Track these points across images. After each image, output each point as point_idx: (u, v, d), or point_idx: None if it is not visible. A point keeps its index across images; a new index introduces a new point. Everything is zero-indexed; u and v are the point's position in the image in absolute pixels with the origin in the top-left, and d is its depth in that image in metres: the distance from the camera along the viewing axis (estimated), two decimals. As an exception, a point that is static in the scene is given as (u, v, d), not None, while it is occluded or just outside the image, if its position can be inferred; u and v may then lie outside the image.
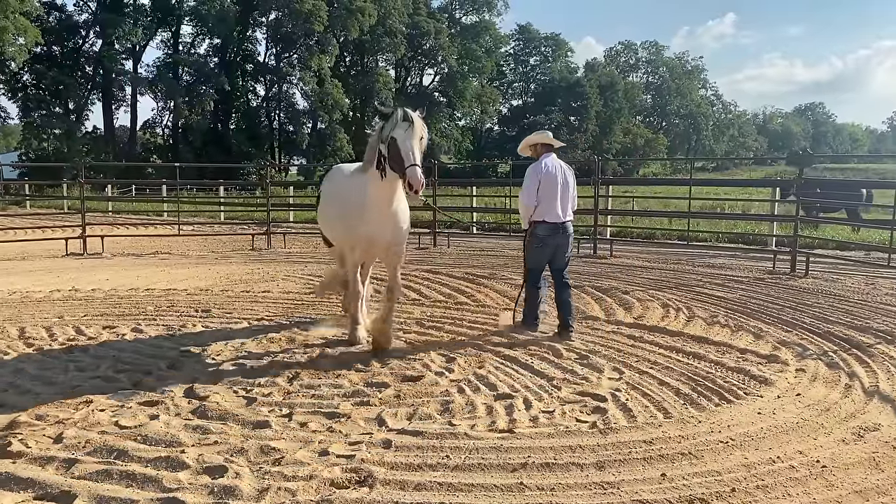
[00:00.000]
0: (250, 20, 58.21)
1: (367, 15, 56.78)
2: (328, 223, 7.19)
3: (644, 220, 19.33)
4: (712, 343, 6.86)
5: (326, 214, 7.14)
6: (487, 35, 72.75)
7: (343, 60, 63.98)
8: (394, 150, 5.72)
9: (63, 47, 54.06)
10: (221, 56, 58.29)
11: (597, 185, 14.86)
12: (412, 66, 70.76)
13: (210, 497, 3.63)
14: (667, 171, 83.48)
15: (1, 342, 6.80)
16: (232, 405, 5.02)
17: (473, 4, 73.34)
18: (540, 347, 6.65)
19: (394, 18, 61.09)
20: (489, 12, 73.96)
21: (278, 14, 56.57)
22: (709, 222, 18.58)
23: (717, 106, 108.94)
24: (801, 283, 10.57)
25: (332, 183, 7.15)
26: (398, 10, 61.52)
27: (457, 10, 74.12)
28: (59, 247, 14.57)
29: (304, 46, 57.45)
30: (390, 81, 65.34)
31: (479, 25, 72.77)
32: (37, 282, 10.55)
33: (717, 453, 4.22)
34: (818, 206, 17.36)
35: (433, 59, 69.80)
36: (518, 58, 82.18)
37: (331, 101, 56.55)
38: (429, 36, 65.42)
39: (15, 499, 3.61)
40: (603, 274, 11.29)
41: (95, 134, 55.88)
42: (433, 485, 3.78)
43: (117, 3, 53.09)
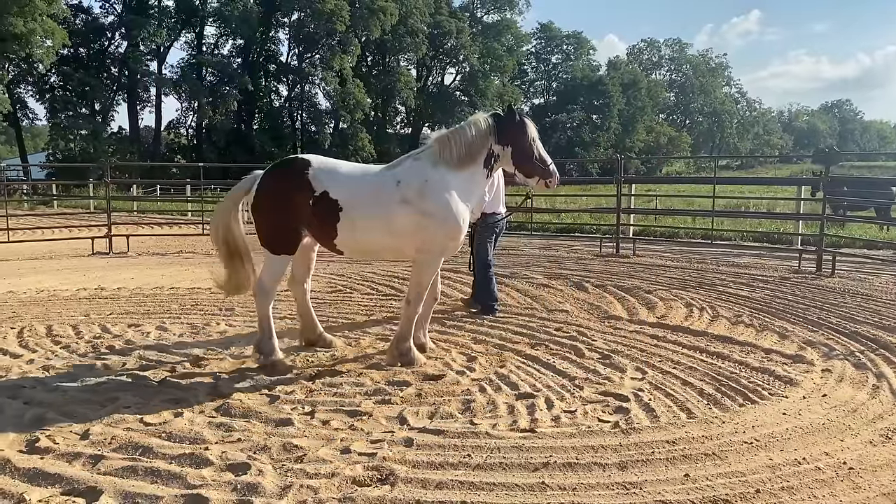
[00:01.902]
0: (273, 21, 58.60)
1: (388, 14, 56.91)
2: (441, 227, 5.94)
3: (667, 219, 19.19)
4: (736, 343, 6.79)
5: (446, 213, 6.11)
6: (509, 34, 72.60)
7: (365, 60, 64.18)
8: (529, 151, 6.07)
9: (89, 49, 54.82)
10: (245, 56, 58.77)
11: (619, 184, 14.79)
12: (434, 65, 70.79)
13: (233, 494, 3.66)
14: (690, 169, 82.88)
15: (29, 340, 6.91)
16: (255, 403, 5.06)
17: (495, 3, 73.23)
18: (562, 347, 6.63)
19: (415, 18, 61.18)
20: (511, 11, 73.84)
21: (301, 14, 56.90)
22: (733, 221, 18.40)
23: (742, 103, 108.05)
24: (827, 282, 10.43)
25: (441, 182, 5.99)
26: (420, 9, 61.59)
27: (478, 8, 74.06)
28: (85, 246, 14.76)
29: (326, 46, 57.74)
30: (412, 81, 65.46)
31: (500, 24, 72.64)
32: (64, 280, 10.70)
33: (742, 454, 4.18)
34: (845, 205, 17.12)
35: (455, 59, 69.80)
36: (540, 56, 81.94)
37: (353, 101, 56.78)
38: (450, 35, 65.42)
39: (43, 494, 3.67)
40: (626, 273, 11.22)
41: (121, 134, 56.60)
42: (454, 483, 3.78)
43: (142, 4, 53.74)
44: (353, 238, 5.84)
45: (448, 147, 5.90)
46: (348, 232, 5.80)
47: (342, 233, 5.79)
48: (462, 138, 5.93)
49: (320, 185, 5.76)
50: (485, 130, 5.97)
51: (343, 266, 11.85)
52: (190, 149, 58.94)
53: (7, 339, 6.95)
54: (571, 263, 12.49)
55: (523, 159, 6.08)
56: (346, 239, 5.85)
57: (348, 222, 5.74)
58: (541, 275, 10.93)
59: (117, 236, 15.02)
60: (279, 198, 5.84)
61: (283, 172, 5.98)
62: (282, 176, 5.93)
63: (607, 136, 74.28)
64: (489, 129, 5.98)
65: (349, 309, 8.56)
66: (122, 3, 54.27)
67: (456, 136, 5.95)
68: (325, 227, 5.82)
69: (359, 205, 5.74)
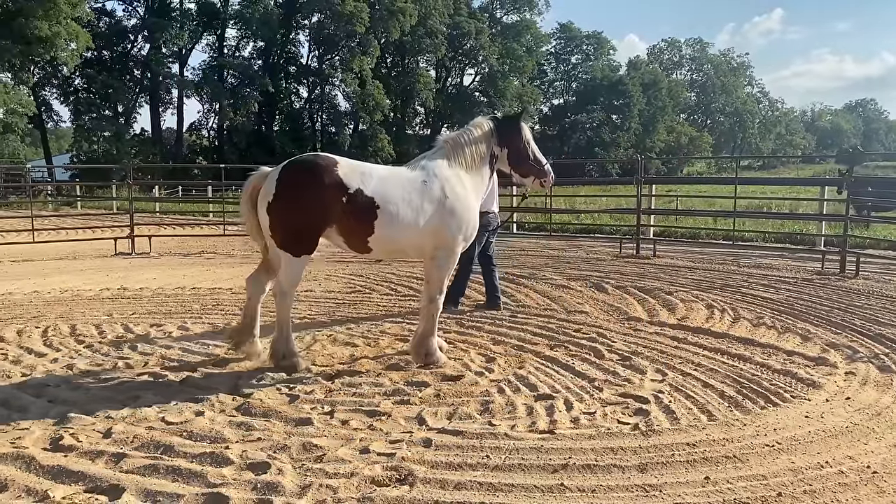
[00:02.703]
0: (293, 23, 58.93)
1: (407, 16, 57.02)
2: (464, 224, 6.14)
3: (688, 220, 19.04)
4: (758, 345, 6.73)
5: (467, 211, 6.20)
6: (528, 34, 72.41)
7: (384, 61, 64.35)
8: (524, 152, 6.42)
9: (112, 52, 55.50)
10: (265, 58, 59.16)
11: (639, 185, 14.71)
12: (453, 66, 70.78)
13: (253, 493, 3.68)
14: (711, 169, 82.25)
15: (53, 339, 7.00)
16: (275, 402, 5.10)
17: (514, 4, 73.07)
18: (581, 348, 6.61)
19: (434, 19, 61.23)
20: (530, 11, 73.65)
21: (321, 16, 57.17)
22: (755, 222, 18.21)
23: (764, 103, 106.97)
24: (850, 283, 10.30)
25: (458, 181, 6.14)
26: (439, 10, 61.63)
27: (497, 9, 73.95)
28: (108, 246, 14.94)
29: (345, 48, 57.91)
30: (431, 82, 65.50)
31: (519, 24, 72.49)
32: (87, 280, 10.84)
33: (763, 457, 4.14)
34: (869, 205, 16.90)
35: (474, 59, 69.74)
36: (559, 56, 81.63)
37: (372, 103, 56.95)
38: (469, 36, 65.38)
39: (66, 491, 3.72)
40: (646, 274, 11.15)
41: (143, 136, 57.21)
42: (473, 484, 3.78)
43: (164, 7, 54.29)
44: (388, 236, 5.83)
45: (460, 148, 6.17)
46: (385, 230, 5.78)
47: (379, 230, 5.75)
48: (471, 140, 6.22)
49: (354, 183, 5.68)
50: (487, 132, 6.30)
51: (361, 267, 11.89)
52: (211, 150, 59.42)
53: (32, 338, 7.05)
54: (591, 264, 12.44)
55: (519, 160, 6.44)
56: (381, 237, 5.81)
57: (385, 220, 5.74)
58: (560, 276, 10.89)
59: (140, 237, 15.18)
60: (308, 196, 5.64)
61: (311, 169, 5.71)
62: (311, 173, 5.68)
63: (627, 137, 73.84)
64: (491, 132, 6.31)
65: (368, 309, 8.59)
66: (144, 6, 54.89)
67: (465, 138, 6.22)
68: (360, 225, 5.74)
69: (393, 203, 5.77)
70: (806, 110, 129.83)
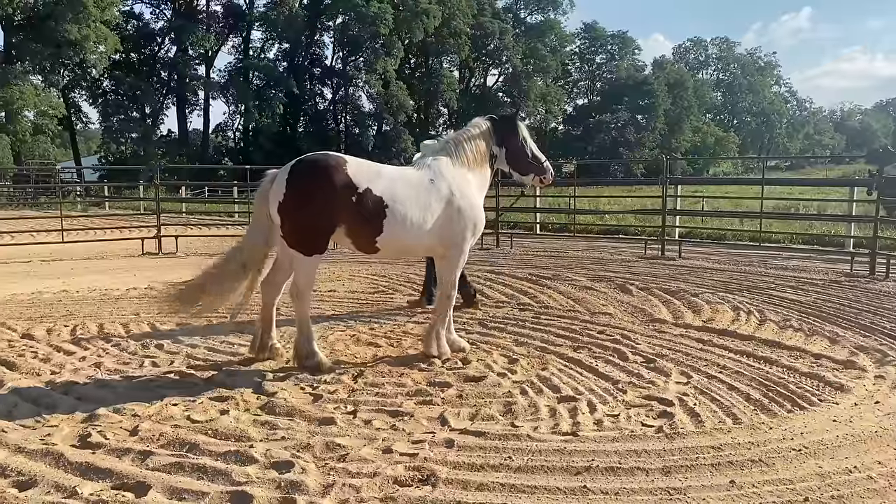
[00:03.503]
0: (318, 24, 59.29)
1: (431, 17, 57.10)
2: (472, 222, 6.24)
3: (714, 221, 18.85)
4: (785, 347, 6.64)
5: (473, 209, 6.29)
6: (553, 34, 72.13)
7: (408, 62, 64.51)
8: (522, 150, 6.51)
9: (140, 54, 56.27)
10: (290, 60, 59.59)
11: (665, 185, 14.60)
12: (476, 66, 70.74)
13: (277, 491, 3.71)
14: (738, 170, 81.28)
15: (82, 337, 7.11)
16: (299, 401, 5.13)
17: (538, 4, 72.87)
18: (605, 350, 6.57)
19: (458, 20, 61.24)
20: (554, 11, 73.41)
21: (345, 18, 57.44)
22: (782, 223, 17.97)
23: (792, 103, 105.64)
24: (880, 286, 10.13)
25: (464, 180, 6.23)
26: (462, 11, 61.64)
27: (521, 9, 73.81)
28: (135, 246, 15.13)
29: (369, 49, 58.14)
30: (454, 82, 65.53)
31: (544, 24, 72.25)
32: (115, 280, 10.99)
33: (790, 461, 4.09)
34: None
35: (497, 60, 69.65)
36: (584, 56, 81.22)
37: (396, 104, 57.10)
38: (493, 36, 65.30)
39: (94, 487, 3.77)
40: (671, 276, 11.06)
41: (170, 137, 57.91)
42: (496, 485, 3.77)
43: (191, 10, 54.93)
44: (397, 235, 5.84)
45: (462, 148, 6.27)
46: (394, 229, 5.79)
47: (388, 230, 5.77)
48: (472, 140, 6.33)
49: (363, 182, 5.70)
50: (486, 132, 6.42)
51: (384, 267, 11.92)
52: (237, 151, 59.93)
53: (61, 336, 7.17)
54: (615, 265, 12.37)
55: (517, 159, 6.55)
56: (390, 236, 5.82)
57: (394, 219, 5.76)
58: (584, 277, 10.84)
59: (166, 237, 15.35)
60: (319, 195, 5.64)
61: (320, 169, 5.71)
62: (320, 173, 5.68)
63: (652, 137, 73.24)
64: (489, 131, 6.42)
65: (391, 309, 8.61)
66: (171, 9, 55.56)
67: (465, 137, 6.33)
68: (369, 224, 5.76)
69: (402, 202, 5.80)
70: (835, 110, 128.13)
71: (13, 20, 43.61)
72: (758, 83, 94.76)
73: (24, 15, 43.33)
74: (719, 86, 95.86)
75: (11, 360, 6.23)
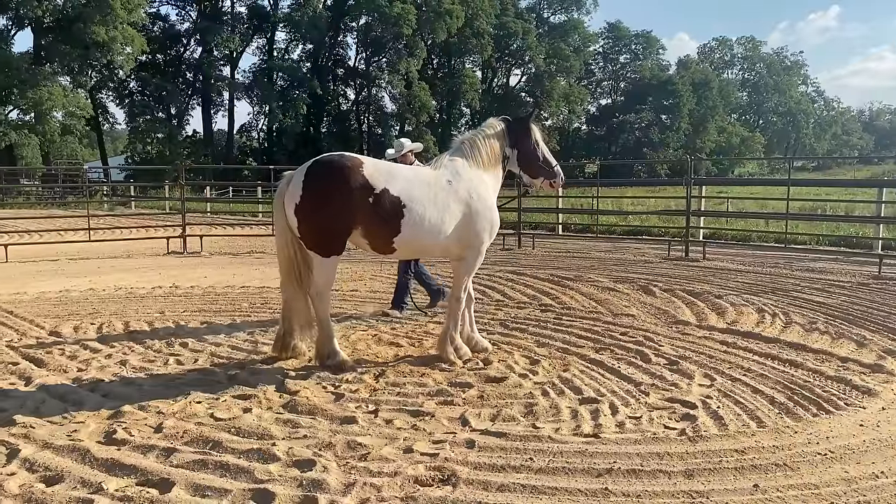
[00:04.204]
0: (341, 25, 59.59)
1: (454, 17, 57.14)
2: (489, 223, 6.25)
3: (739, 222, 18.67)
4: (811, 350, 6.56)
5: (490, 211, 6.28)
6: (576, 34, 71.87)
7: (430, 63, 64.61)
8: (534, 153, 6.47)
9: (166, 55, 56.97)
10: (314, 61, 59.98)
11: (689, 186, 14.46)
12: (499, 66, 70.69)
13: (299, 489, 3.73)
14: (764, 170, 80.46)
15: (108, 335, 7.21)
16: (320, 400, 5.16)
17: (562, 4, 72.66)
18: (628, 352, 6.53)
19: (481, 20, 61.25)
20: (578, 11, 73.12)
21: (368, 18, 57.70)
22: (808, 224, 17.74)
23: (819, 103, 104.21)
24: (910, 289, 9.97)
25: (480, 181, 6.24)
26: (485, 11, 61.62)
27: (545, 9, 73.59)
28: (160, 245, 15.30)
29: (392, 50, 58.37)
30: (477, 82, 65.48)
31: (567, 24, 72.01)
32: (140, 278, 11.13)
33: (815, 466, 4.04)
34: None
35: (520, 60, 69.57)
36: (607, 56, 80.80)
37: (418, 104, 57.23)
38: (516, 36, 65.23)
39: (119, 483, 3.82)
40: (695, 277, 10.97)
41: (195, 138, 58.54)
42: (516, 486, 3.77)
43: (216, 11, 55.47)
44: (415, 236, 5.83)
45: (477, 149, 6.26)
46: (412, 229, 5.78)
47: (405, 230, 5.76)
48: (487, 141, 6.31)
49: (380, 182, 5.69)
50: (500, 133, 6.39)
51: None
52: (261, 151, 60.45)
53: (88, 334, 7.27)
54: (638, 267, 12.29)
55: (529, 161, 6.51)
56: (408, 237, 5.81)
57: (412, 219, 5.75)
58: (606, 278, 10.78)
59: (191, 236, 15.51)
60: (335, 196, 5.61)
61: (336, 170, 5.67)
62: (336, 174, 5.65)
63: (677, 137, 72.69)
64: (503, 132, 6.40)
65: (411, 309, 8.61)
66: (196, 11, 56.16)
67: (481, 138, 6.31)
68: (386, 225, 5.74)
69: (420, 202, 5.80)
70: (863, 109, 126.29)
71: (43, 22, 44.29)
72: (784, 83, 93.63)
73: (53, 17, 44.01)
74: (745, 85, 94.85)
75: (39, 357, 6.34)
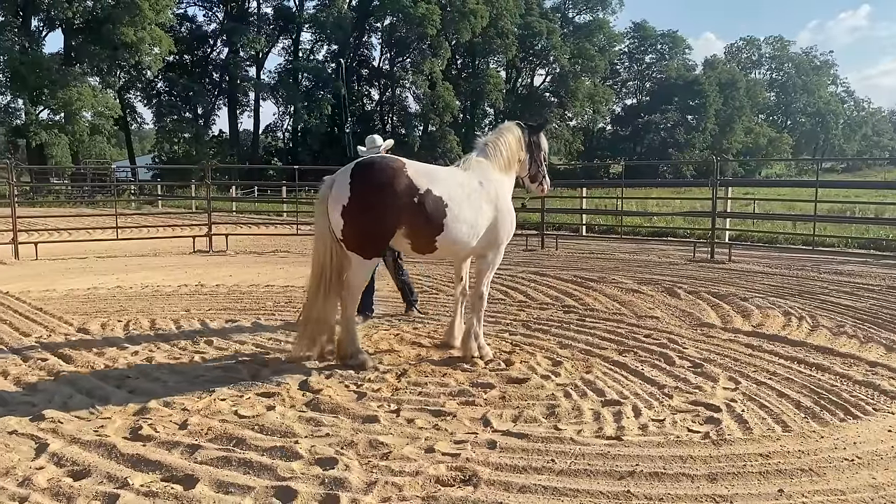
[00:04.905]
0: (366, 26, 59.82)
1: (479, 17, 57.10)
2: (511, 225, 6.48)
3: (765, 224, 18.45)
4: (838, 354, 6.46)
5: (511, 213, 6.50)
6: (601, 34, 71.48)
7: (454, 63, 64.60)
8: (541, 160, 6.80)
9: (193, 56, 57.60)
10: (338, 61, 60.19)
11: (715, 187, 14.33)
12: (523, 66, 70.52)
13: (321, 487, 3.75)
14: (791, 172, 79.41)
15: (134, 332, 7.30)
16: (343, 399, 5.18)
17: (587, 3, 72.30)
18: (651, 354, 6.48)
19: (506, 20, 61.14)
20: (603, 11, 72.71)
21: (393, 19, 57.85)
22: (837, 226, 17.49)
23: (849, 103, 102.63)
24: (941, 292, 9.78)
25: (501, 184, 6.45)
26: (510, 11, 61.49)
27: (570, 9, 73.28)
28: (187, 244, 15.47)
29: (416, 50, 58.48)
30: (501, 83, 65.36)
31: (592, 24, 71.65)
32: (167, 276, 11.26)
33: (842, 471, 3.98)
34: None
35: (545, 60, 69.35)
36: (633, 56, 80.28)
37: (441, 104, 57.29)
38: (541, 36, 65.03)
39: (144, 479, 3.87)
40: (720, 279, 10.86)
41: (221, 137, 59.11)
42: (538, 488, 3.76)
43: (242, 12, 55.97)
44: (455, 235, 5.92)
45: (500, 152, 6.44)
46: (453, 228, 5.87)
47: (447, 229, 5.83)
48: (509, 145, 6.50)
49: (423, 183, 5.76)
50: (519, 138, 6.60)
51: (428, 268, 11.96)
52: (286, 151, 60.86)
53: (115, 331, 7.37)
54: (663, 268, 12.20)
55: (535, 166, 6.80)
56: (450, 235, 5.88)
57: (454, 219, 5.85)
58: (630, 279, 10.71)
59: (217, 235, 15.67)
60: (383, 197, 5.64)
61: (382, 172, 5.70)
62: (383, 176, 5.67)
63: (703, 138, 72.02)
64: (521, 137, 6.64)
65: (434, 310, 8.63)
66: (223, 12, 56.70)
67: (503, 142, 6.49)
68: (429, 225, 5.79)
69: (459, 203, 5.90)
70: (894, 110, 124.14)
71: (73, 24, 45.01)
72: (813, 83, 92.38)
73: (83, 19, 44.69)
74: (773, 86, 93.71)
75: (68, 353, 6.44)
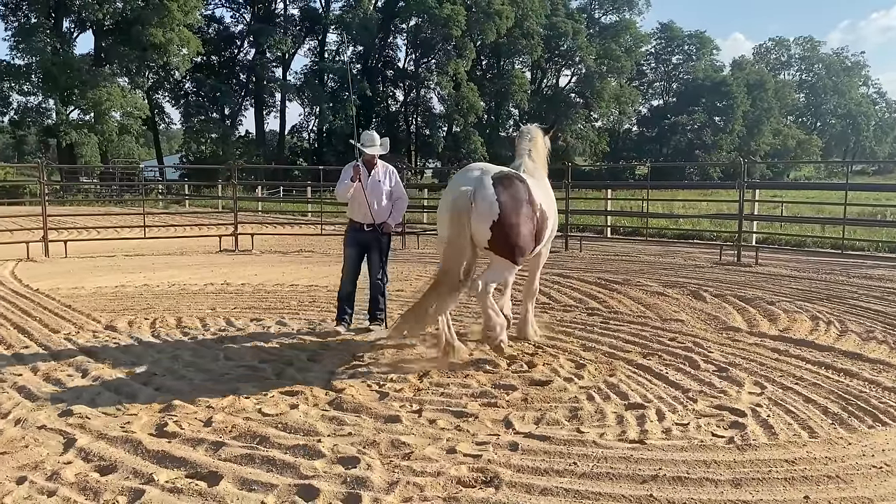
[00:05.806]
0: (391, 27, 59.94)
1: (504, 18, 56.94)
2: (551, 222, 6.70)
3: (794, 227, 18.19)
4: (867, 360, 6.36)
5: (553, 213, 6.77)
6: (627, 34, 70.84)
7: (479, 64, 64.43)
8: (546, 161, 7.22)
9: (220, 56, 58.06)
10: (364, 63, 60.42)
11: (742, 189, 14.16)
12: (548, 67, 70.14)
13: (343, 486, 3.77)
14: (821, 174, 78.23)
15: (161, 330, 7.40)
16: (366, 398, 5.21)
17: (613, 4, 71.75)
18: (676, 358, 6.43)
19: (531, 20, 60.85)
20: (630, 11, 72.17)
21: (418, 20, 57.90)
22: (867, 230, 17.19)
23: (881, 104, 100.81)
24: (974, 298, 9.58)
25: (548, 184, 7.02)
26: (535, 11, 61.22)
27: (596, 9, 72.82)
28: (213, 243, 15.63)
29: (441, 51, 58.47)
30: (525, 83, 65.12)
31: (618, 24, 71.06)
32: (193, 275, 11.38)
33: (869, 479, 3.92)
34: None
35: (570, 60, 68.90)
36: (659, 57, 79.49)
37: (466, 105, 57.17)
38: (566, 37, 64.62)
39: (169, 475, 3.92)
40: (747, 283, 10.74)
41: (248, 138, 59.53)
42: (559, 490, 3.74)
43: (269, 13, 56.39)
44: (545, 240, 6.50)
45: (541, 155, 6.89)
46: (547, 235, 6.43)
47: (544, 236, 6.31)
48: (543, 147, 6.98)
49: (537, 194, 6.16)
50: (545, 139, 7.09)
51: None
52: (311, 152, 61.11)
53: (141, 329, 7.47)
54: (688, 271, 12.09)
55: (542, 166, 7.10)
56: (544, 241, 6.46)
57: (546, 226, 6.29)
58: (655, 282, 10.64)
59: (243, 234, 15.81)
60: (526, 210, 5.97)
61: (524, 186, 6.02)
62: (524, 189, 6.00)
63: (730, 139, 71.17)
64: (546, 139, 7.16)
65: (457, 310, 8.62)
66: (250, 13, 57.19)
67: (540, 145, 6.93)
68: (540, 233, 6.21)
69: (550, 210, 6.43)
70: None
71: (103, 25, 45.66)
72: (844, 84, 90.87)
73: (113, 20, 45.32)
74: (802, 87, 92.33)
75: (95, 350, 6.54)
